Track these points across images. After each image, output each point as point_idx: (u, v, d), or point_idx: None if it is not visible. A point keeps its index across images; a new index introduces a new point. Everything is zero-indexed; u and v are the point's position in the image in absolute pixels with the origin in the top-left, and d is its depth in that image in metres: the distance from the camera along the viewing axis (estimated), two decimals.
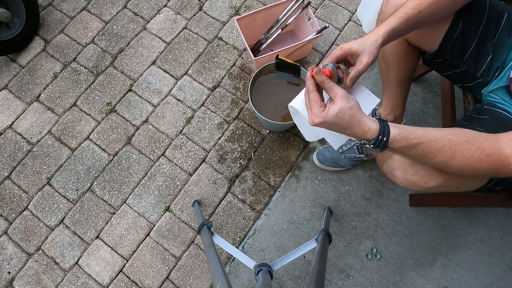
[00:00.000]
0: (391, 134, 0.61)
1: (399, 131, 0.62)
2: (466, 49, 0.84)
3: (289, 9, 1.38)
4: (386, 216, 1.32)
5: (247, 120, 1.46)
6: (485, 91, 0.86)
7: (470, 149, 0.61)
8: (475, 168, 0.62)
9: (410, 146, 0.62)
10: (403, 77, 1.07)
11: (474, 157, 0.61)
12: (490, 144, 0.62)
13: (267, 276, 0.81)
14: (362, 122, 0.61)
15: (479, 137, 0.63)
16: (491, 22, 0.80)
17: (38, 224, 1.35)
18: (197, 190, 1.37)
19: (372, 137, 0.61)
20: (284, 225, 1.32)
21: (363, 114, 0.62)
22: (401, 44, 0.96)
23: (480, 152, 0.61)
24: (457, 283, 1.24)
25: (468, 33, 0.82)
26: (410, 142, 0.62)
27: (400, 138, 0.61)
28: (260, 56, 1.34)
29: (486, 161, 0.61)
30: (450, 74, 0.93)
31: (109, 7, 1.66)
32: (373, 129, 0.61)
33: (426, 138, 0.62)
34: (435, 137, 0.62)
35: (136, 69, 1.55)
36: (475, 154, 0.61)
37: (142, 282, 1.27)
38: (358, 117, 0.61)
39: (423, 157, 0.64)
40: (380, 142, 0.61)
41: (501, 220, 1.29)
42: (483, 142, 0.62)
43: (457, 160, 0.62)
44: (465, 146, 0.61)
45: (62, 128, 1.47)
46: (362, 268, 1.26)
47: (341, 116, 0.61)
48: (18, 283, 1.29)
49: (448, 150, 0.62)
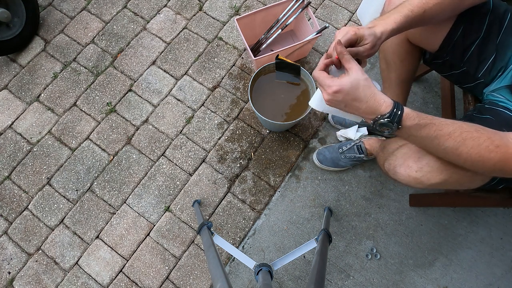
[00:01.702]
0: (405, 110, 0.62)
1: (411, 110, 0.62)
2: (467, 50, 0.84)
3: (289, 9, 1.38)
4: (386, 216, 1.32)
5: (247, 120, 1.46)
6: (487, 90, 0.86)
7: (480, 138, 0.61)
8: (484, 158, 0.61)
9: (423, 125, 0.62)
10: (404, 77, 1.07)
11: (484, 146, 0.61)
12: (499, 136, 0.62)
13: (267, 276, 0.81)
14: (376, 94, 0.62)
15: (488, 129, 0.63)
16: (494, 23, 0.80)
17: (38, 224, 1.35)
18: (197, 190, 1.37)
19: (387, 110, 0.61)
20: (284, 225, 1.32)
21: (376, 89, 0.63)
22: (403, 44, 0.96)
23: (490, 142, 0.61)
24: (457, 283, 1.24)
25: (470, 34, 0.82)
26: (423, 120, 0.62)
27: (413, 115, 0.62)
28: (260, 56, 1.34)
29: (495, 152, 0.60)
30: (450, 74, 0.94)
31: (109, 7, 1.66)
32: (388, 102, 0.62)
33: (438, 120, 0.63)
34: (446, 121, 0.63)
35: (136, 69, 1.55)
36: (484, 143, 0.61)
37: (142, 282, 1.27)
38: (372, 89, 0.62)
39: (434, 140, 0.63)
40: (395, 115, 0.61)
41: (501, 220, 1.29)
42: (493, 133, 0.62)
43: (467, 147, 0.61)
44: (475, 134, 0.61)
45: (62, 128, 1.47)
46: (362, 268, 1.26)
47: (356, 86, 0.61)
48: (18, 283, 1.29)
49: (459, 135, 0.62)
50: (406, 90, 1.13)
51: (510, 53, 0.80)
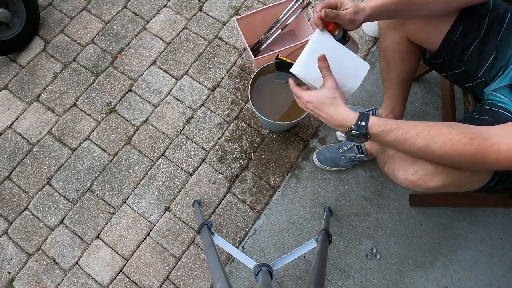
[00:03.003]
0: (370, 120, 0.67)
1: (377, 119, 0.67)
2: (467, 50, 0.84)
3: (289, 9, 1.38)
4: (386, 216, 1.32)
5: (247, 120, 1.46)
6: (488, 90, 0.86)
7: (451, 133, 0.61)
8: (459, 152, 0.61)
9: (389, 130, 0.66)
10: (405, 77, 1.07)
11: (456, 140, 0.61)
12: (476, 130, 0.62)
13: (267, 276, 0.81)
14: (339, 110, 0.70)
15: (464, 125, 0.63)
16: (494, 22, 0.80)
17: (38, 224, 1.35)
18: (197, 190, 1.37)
19: (352, 123, 0.68)
20: (284, 225, 1.32)
21: (344, 106, 0.70)
22: (403, 43, 0.95)
23: (463, 135, 0.61)
24: (457, 283, 1.24)
25: (469, 33, 0.82)
26: (389, 126, 0.66)
27: (379, 123, 0.66)
28: (260, 56, 1.34)
29: (470, 144, 0.60)
30: (449, 74, 0.94)
31: (109, 7, 1.66)
32: (351, 116, 0.68)
33: (405, 124, 0.65)
34: (414, 123, 0.65)
35: (136, 69, 1.55)
36: (456, 137, 0.61)
37: (142, 282, 1.27)
38: (338, 106, 0.70)
39: (405, 142, 0.65)
40: (360, 127, 0.67)
41: (501, 220, 1.29)
42: (468, 128, 0.62)
43: (438, 143, 0.62)
44: (446, 130, 0.62)
45: (62, 128, 1.47)
46: (362, 268, 1.26)
47: (322, 101, 0.70)
48: (18, 283, 1.29)
49: (428, 133, 0.63)
50: (407, 89, 1.13)
51: (511, 52, 0.80)
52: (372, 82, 1.49)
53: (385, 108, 1.23)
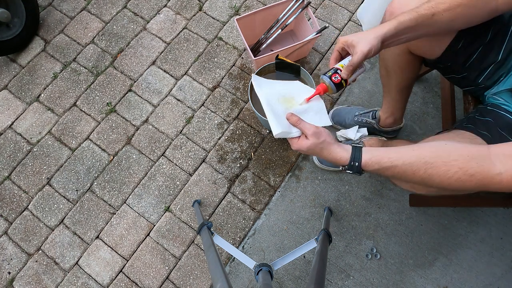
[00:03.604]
0: (363, 159, 0.66)
1: (371, 156, 0.66)
2: (470, 58, 0.82)
3: (289, 9, 1.38)
4: (386, 216, 1.32)
5: (247, 120, 1.46)
6: (489, 93, 0.86)
7: (449, 170, 0.59)
8: (458, 187, 0.60)
9: (384, 169, 0.65)
10: (404, 85, 1.07)
11: (454, 178, 0.59)
12: (476, 163, 0.59)
13: (267, 276, 0.81)
14: (332, 153, 0.69)
15: (463, 156, 0.60)
16: (499, 30, 0.79)
17: (38, 224, 1.35)
18: (197, 190, 1.37)
19: (345, 163, 0.68)
20: (284, 225, 1.32)
21: (334, 146, 0.69)
22: (404, 54, 0.94)
23: (462, 173, 0.59)
24: (457, 283, 1.24)
25: (473, 42, 0.80)
26: (383, 165, 0.65)
27: (372, 162, 0.66)
28: (260, 56, 1.34)
29: (469, 181, 0.59)
30: (450, 77, 0.93)
31: (109, 7, 1.66)
32: (344, 157, 0.68)
33: (400, 161, 0.63)
34: (410, 160, 0.63)
35: (136, 69, 1.55)
36: (455, 175, 0.59)
37: (142, 282, 1.27)
38: (328, 150, 0.69)
39: (401, 177, 0.65)
40: (353, 167, 0.67)
41: (501, 220, 1.29)
42: (467, 161, 0.59)
43: (435, 181, 0.61)
44: (443, 168, 0.60)
45: (62, 128, 1.47)
46: (362, 268, 1.26)
47: (313, 149, 0.70)
48: (18, 283, 1.29)
49: (424, 172, 0.62)
50: (406, 95, 1.13)
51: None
52: (372, 82, 1.49)
53: (384, 111, 1.23)
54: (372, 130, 1.32)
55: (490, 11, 0.71)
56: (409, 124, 1.41)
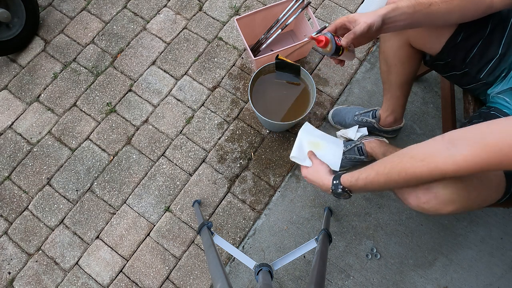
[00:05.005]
0: (344, 184, 0.78)
1: (350, 180, 0.76)
2: (470, 52, 0.83)
3: (289, 9, 1.38)
4: (386, 216, 1.32)
5: (247, 120, 1.46)
6: (492, 92, 0.86)
7: (401, 162, 0.65)
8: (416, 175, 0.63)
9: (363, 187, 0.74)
10: (405, 80, 1.06)
11: (407, 167, 0.64)
12: (427, 148, 0.63)
13: (267, 276, 0.81)
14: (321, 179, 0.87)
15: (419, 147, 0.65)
16: (498, 24, 0.80)
17: (38, 224, 1.35)
18: (197, 190, 1.37)
19: (330, 190, 0.82)
20: (284, 225, 1.32)
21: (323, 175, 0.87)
22: (404, 47, 0.95)
23: (413, 161, 0.63)
24: (457, 283, 1.24)
25: (473, 36, 0.81)
26: (358, 185, 0.74)
27: (351, 185, 0.77)
28: (260, 56, 1.34)
29: (421, 166, 0.62)
30: (450, 75, 0.93)
31: (109, 7, 1.66)
32: (326, 185, 0.84)
33: (371, 176, 0.71)
34: (378, 169, 0.70)
35: (136, 69, 1.55)
36: (406, 164, 0.64)
37: (142, 282, 1.27)
38: (319, 176, 0.87)
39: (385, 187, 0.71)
40: (337, 193, 0.80)
41: (501, 220, 1.29)
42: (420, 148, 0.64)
43: (395, 175, 0.66)
44: (396, 159, 0.66)
45: (62, 128, 1.47)
46: (362, 268, 1.26)
47: (311, 173, 0.91)
48: (18, 283, 1.29)
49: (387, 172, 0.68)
50: (407, 91, 1.13)
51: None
52: (372, 82, 1.49)
53: (385, 109, 1.23)
54: (372, 129, 1.32)
55: (486, 7, 0.74)
56: (409, 124, 1.41)
